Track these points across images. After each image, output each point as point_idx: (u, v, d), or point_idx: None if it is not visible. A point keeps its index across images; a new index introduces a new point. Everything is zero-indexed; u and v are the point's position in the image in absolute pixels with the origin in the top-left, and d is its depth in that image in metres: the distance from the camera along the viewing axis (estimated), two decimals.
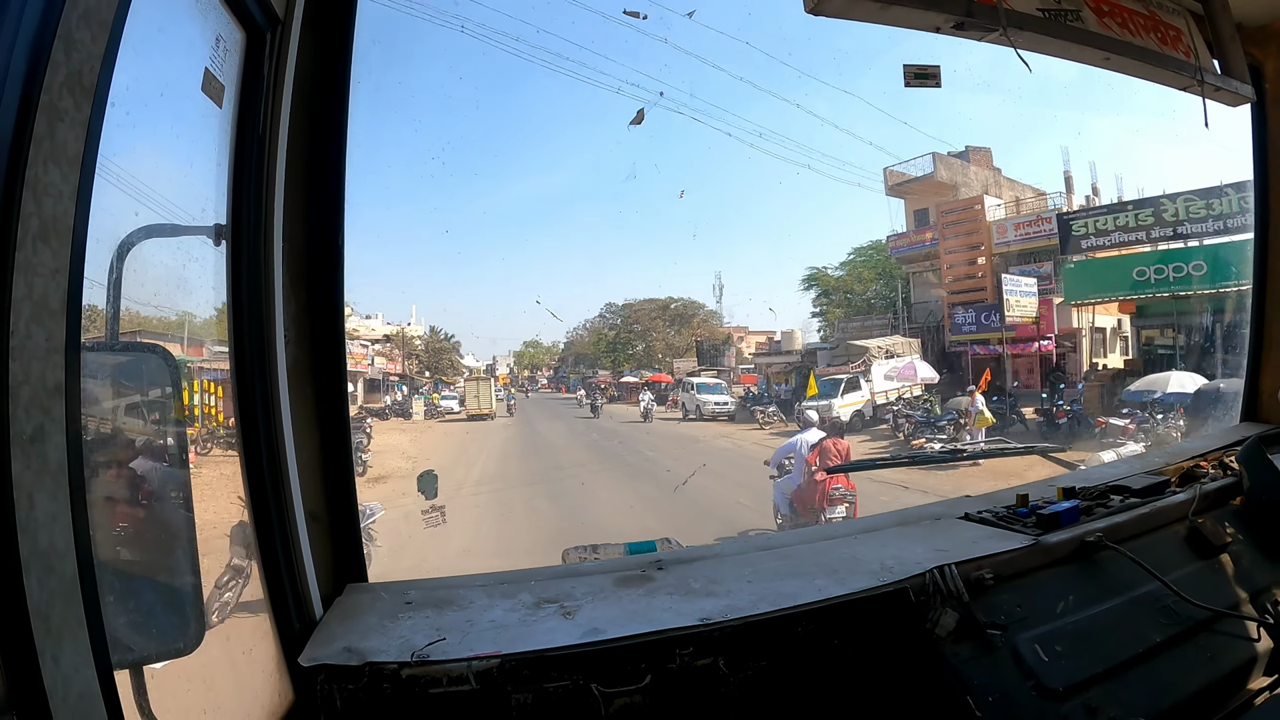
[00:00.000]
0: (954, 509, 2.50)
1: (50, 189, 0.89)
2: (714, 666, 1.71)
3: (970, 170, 39.63)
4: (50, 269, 0.89)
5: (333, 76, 1.86)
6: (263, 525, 1.67)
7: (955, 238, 36.10)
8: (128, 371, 1.47)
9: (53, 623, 0.88)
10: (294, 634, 1.67)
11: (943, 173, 39.15)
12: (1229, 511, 2.54)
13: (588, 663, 1.64)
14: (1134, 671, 1.87)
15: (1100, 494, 2.48)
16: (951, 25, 2.18)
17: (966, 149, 40.48)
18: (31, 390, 0.87)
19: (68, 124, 0.92)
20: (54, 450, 0.90)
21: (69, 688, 0.89)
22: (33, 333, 0.87)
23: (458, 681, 1.57)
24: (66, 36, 0.91)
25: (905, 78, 2.62)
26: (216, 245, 1.64)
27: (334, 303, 1.90)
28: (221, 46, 1.57)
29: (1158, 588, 2.05)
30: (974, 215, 35.36)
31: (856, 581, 1.90)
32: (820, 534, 2.41)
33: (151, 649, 1.33)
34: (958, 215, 36.17)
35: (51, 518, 0.88)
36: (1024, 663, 1.79)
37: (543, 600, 1.89)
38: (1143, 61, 2.57)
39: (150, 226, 1.60)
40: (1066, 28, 2.38)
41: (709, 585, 1.94)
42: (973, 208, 35.64)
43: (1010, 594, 1.94)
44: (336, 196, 1.88)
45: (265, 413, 1.68)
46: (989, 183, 38.83)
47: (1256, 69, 3.17)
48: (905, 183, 40.70)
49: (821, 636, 1.80)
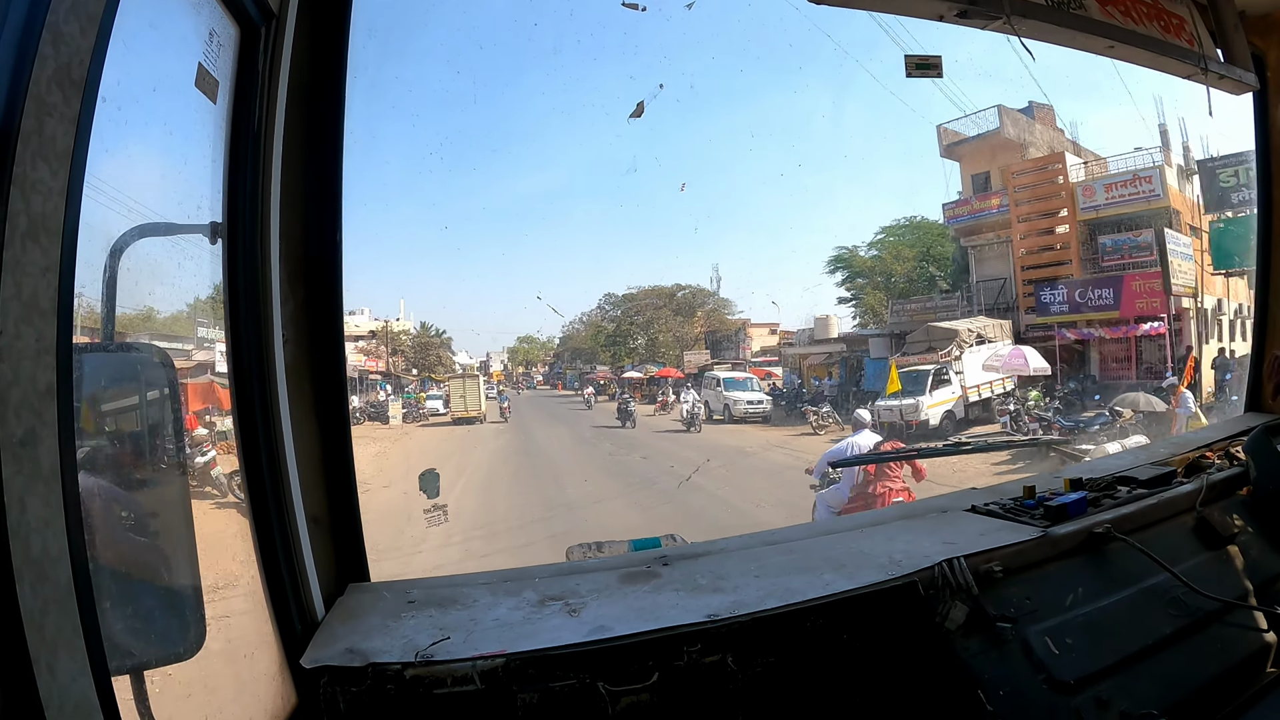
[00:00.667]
0: (961, 501, 2.49)
1: (39, 186, 0.87)
2: (722, 663, 1.69)
3: (1037, 129, 34.47)
4: (40, 268, 0.87)
5: (328, 71, 1.84)
6: (263, 526, 1.65)
7: (1030, 203, 31.42)
8: (122, 372, 1.45)
9: (47, 631, 0.86)
10: (296, 636, 1.65)
11: (1009, 129, 33.83)
12: (1236, 502, 2.52)
13: (594, 661, 1.62)
14: (1145, 663, 1.85)
15: (1107, 485, 2.47)
16: (955, 13, 2.16)
17: (1030, 104, 35.22)
18: (22, 392, 0.85)
19: (56, 119, 0.90)
20: (46, 453, 0.88)
21: (66, 696, 0.88)
22: (22, 333, 0.85)
23: (462, 681, 1.56)
24: (54, 29, 0.89)
25: (907, 68, 2.60)
26: (212, 244, 1.62)
27: (333, 301, 1.88)
28: (215, 41, 1.55)
29: (1167, 579, 2.03)
30: (1052, 176, 30.91)
31: (864, 576, 1.88)
32: (827, 528, 2.40)
33: (151, 654, 1.31)
34: (1032, 177, 31.60)
35: (44, 523, 0.86)
36: (1035, 655, 1.78)
37: (547, 598, 1.87)
38: (1146, 49, 2.56)
39: (144, 225, 1.58)
40: (1070, 15, 2.36)
41: (715, 581, 1.92)
42: (1050, 167, 31.21)
43: (1019, 586, 1.93)
44: (333, 192, 1.86)
45: (264, 413, 1.66)
46: (1056, 143, 33.68)
47: (1259, 57, 3.17)
48: (962, 142, 35.56)
49: (830, 632, 1.78)
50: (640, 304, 62.59)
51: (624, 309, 64.24)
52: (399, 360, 52.09)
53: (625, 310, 64.15)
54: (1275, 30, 3.18)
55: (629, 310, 63.85)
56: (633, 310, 63.55)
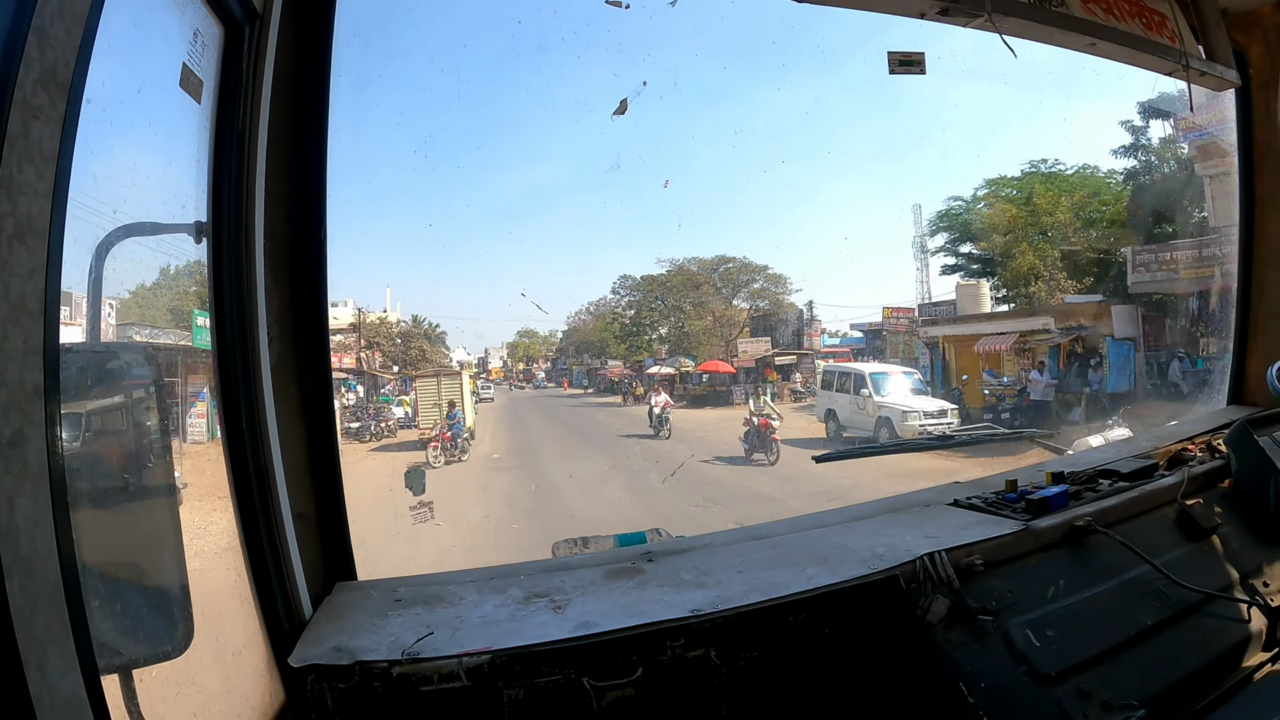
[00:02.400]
0: (943, 495, 2.51)
1: (26, 188, 0.88)
2: (706, 658, 1.71)
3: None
4: (27, 269, 0.88)
5: (312, 70, 1.85)
6: (249, 524, 1.66)
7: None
8: (108, 372, 1.45)
9: (37, 629, 0.86)
10: (283, 634, 1.66)
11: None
12: (1217, 494, 2.55)
13: (579, 656, 1.64)
14: (1127, 655, 1.88)
15: (1089, 478, 2.49)
16: (936, 11, 2.18)
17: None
18: (9, 393, 0.85)
19: (43, 121, 0.90)
20: (34, 453, 0.88)
21: (55, 694, 0.88)
22: (10, 334, 0.86)
23: (449, 678, 1.57)
24: (40, 31, 0.89)
25: (890, 64, 2.62)
26: (197, 243, 1.63)
27: (317, 298, 1.89)
28: (199, 41, 1.55)
29: (1148, 571, 2.06)
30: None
31: (847, 570, 1.90)
32: (810, 523, 2.41)
33: (139, 653, 1.31)
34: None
35: (33, 522, 0.87)
36: (1016, 648, 1.80)
37: (533, 595, 1.88)
38: (1128, 46, 2.59)
39: (129, 225, 1.58)
40: (1051, 13, 2.39)
41: (699, 576, 1.94)
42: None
43: (1001, 579, 1.95)
44: (318, 191, 1.87)
45: (250, 412, 1.67)
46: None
47: (1241, 54, 3.20)
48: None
49: (813, 625, 1.80)
50: (670, 284, 51.44)
51: (644, 293, 53.67)
52: (374, 355, 41.67)
53: (646, 295, 53.74)
54: (1257, 26, 3.21)
55: (651, 294, 53.45)
56: (658, 293, 52.81)
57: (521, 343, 74.55)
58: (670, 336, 51.20)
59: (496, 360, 70.58)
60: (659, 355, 49.96)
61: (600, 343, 57.15)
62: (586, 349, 60.93)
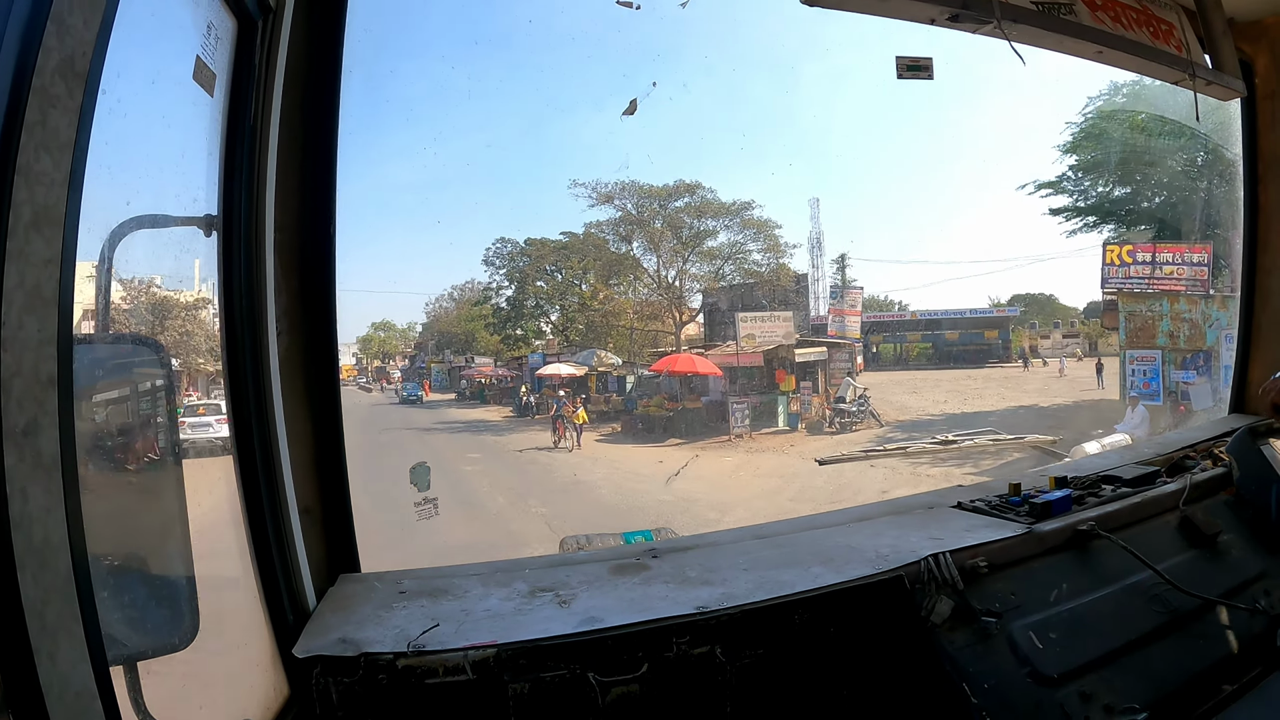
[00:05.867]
0: (947, 498, 2.51)
1: (43, 177, 0.88)
2: (711, 655, 1.71)
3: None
4: (43, 258, 0.88)
5: (324, 65, 1.85)
6: (255, 517, 1.66)
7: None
8: (120, 364, 1.45)
9: (48, 620, 0.86)
10: (288, 626, 1.66)
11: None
12: (1219, 502, 2.56)
13: (584, 652, 1.64)
14: (1128, 659, 1.88)
15: (1092, 483, 2.50)
16: (947, 17, 2.18)
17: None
18: (24, 382, 0.85)
19: (60, 111, 0.90)
20: (47, 443, 0.88)
21: (66, 685, 0.88)
22: (25, 323, 0.85)
23: (454, 671, 1.57)
24: (59, 20, 0.89)
25: (898, 70, 2.62)
26: (207, 236, 1.63)
27: (326, 293, 1.89)
28: (213, 34, 1.55)
29: (1150, 576, 2.06)
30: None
31: (852, 570, 1.90)
32: (815, 523, 2.42)
33: (146, 644, 1.32)
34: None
35: (46, 512, 0.87)
36: (1019, 650, 1.80)
37: (538, 589, 1.88)
38: (1136, 55, 2.59)
39: (140, 217, 1.58)
40: (1060, 21, 2.38)
41: (705, 574, 1.94)
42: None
43: (1004, 582, 1.95)
44: (328, 185, 1.87)
45: (258, 405, 1.67)
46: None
47: (1247, 64, 3.21)
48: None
49: (818, 624, 1.80)
50: (582, 244, 36.78)
51: (533, 260, 38.17)
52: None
53: (537, 261, 37.95)
54: (1264, 37, 3.22)
55: (539, 257, 37.86)
56: (552, 260, 37.95)
57: (376, 336, 65.24)
58: (569, 321, 37.98)
59: (348, 357, 59.76)
60: (550, 349, 37.46)
61: (465, 335, 45.31)
62: (449, 343, 49.52)
